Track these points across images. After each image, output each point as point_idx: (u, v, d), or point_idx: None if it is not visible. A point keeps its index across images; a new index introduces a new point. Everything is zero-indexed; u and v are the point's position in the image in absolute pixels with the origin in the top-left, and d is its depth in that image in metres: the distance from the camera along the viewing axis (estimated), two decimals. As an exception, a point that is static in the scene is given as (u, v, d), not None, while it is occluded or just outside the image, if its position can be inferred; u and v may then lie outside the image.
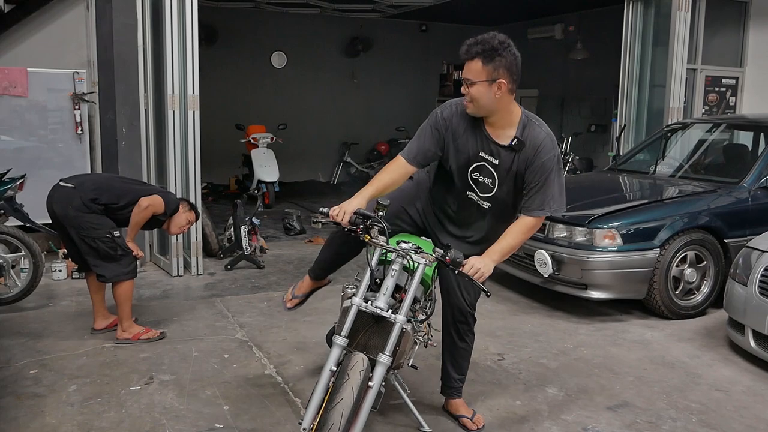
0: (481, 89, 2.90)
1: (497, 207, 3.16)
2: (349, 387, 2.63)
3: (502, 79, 2.88)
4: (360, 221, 2.91)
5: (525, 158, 2.99)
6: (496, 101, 2.93)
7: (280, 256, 7.01)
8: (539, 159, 2.95)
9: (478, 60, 2.88)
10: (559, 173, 2.98)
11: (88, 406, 3.57)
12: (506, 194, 3.10)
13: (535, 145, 2.96)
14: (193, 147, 5.95)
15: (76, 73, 6.16)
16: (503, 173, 3.05)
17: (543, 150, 2.95)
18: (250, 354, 4.36)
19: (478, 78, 2.89)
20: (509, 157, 3.02)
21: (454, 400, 3.53)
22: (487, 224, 3.22)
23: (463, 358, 3.46)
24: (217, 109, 10.92)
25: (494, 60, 2.86)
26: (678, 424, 3.52)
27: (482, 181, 3.11)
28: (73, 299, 5.41)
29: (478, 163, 3.08)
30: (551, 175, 2.95)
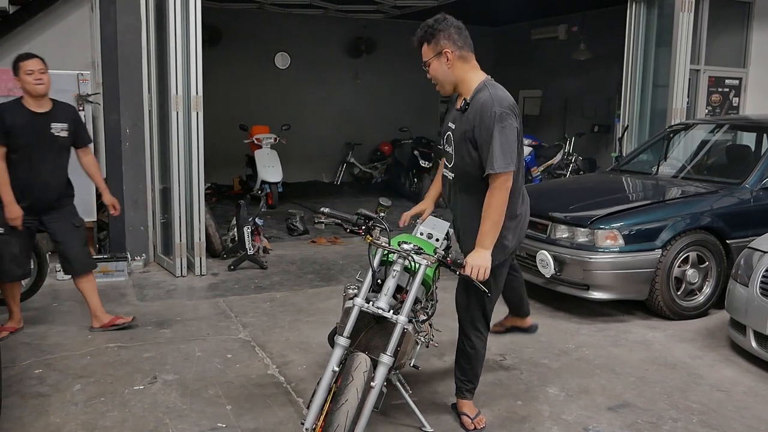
0: (435, 65, 3.12)
1: (459, 176, 3.19)
2: (354, 388, 2.65)
3: (446, 48, 3.08)
4: (362, 222, 2.93)
5: (471, 119, 3.05)
6: (451, 71, 3.11)
7: (283, 256, 7.04)
8: (482, 119, 3.00)
9: (424, 43, 3.15)
10: (503, 130, 2.95)
11: (91, 406, 3.60)
12: (462, 160, 3.13)
13: (478, 105, 3.04)
14: (196, 147, 5.98)
15: (80, 74, 6.18)
16: (458, 137, 3.14)
17: (482, 108, 3.00)
18: (252, 354, 4.39)
19: (428, 57, 3.13)
20: (460, 119, 3.13)
21: (459, 399, 3.54)
22: (462, 201, 3.24)
23: (465, 361, 3.45)
24: (221, 109, 10.95)
25: (435, 36, 3.09)
26: (679, 424, 3.53)
27: (448, 151, 3.23)
28: (77, 300, 5.40)
29: (446, 133, 3.24)
30: (492, 131, 2.95)
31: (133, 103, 6.34)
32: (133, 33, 6.28)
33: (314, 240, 7.71)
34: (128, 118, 6.33)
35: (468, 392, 3.50)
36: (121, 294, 5.61)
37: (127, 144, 6.34)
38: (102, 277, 5.91)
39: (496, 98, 3.00)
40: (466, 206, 3.22)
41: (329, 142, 12.54)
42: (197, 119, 5.93)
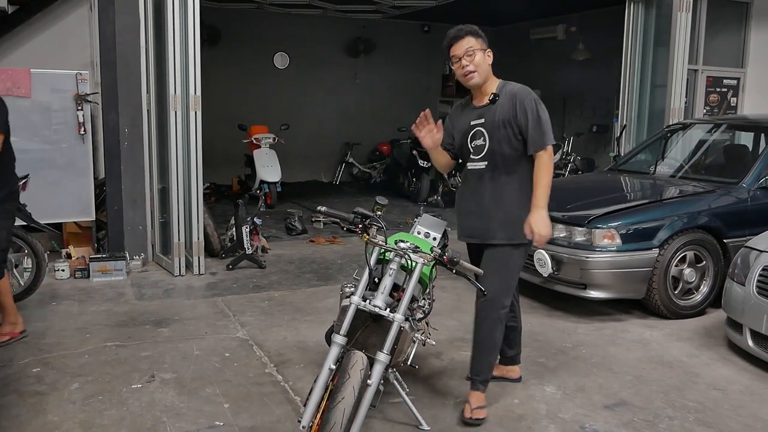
0: (480, 56, 3.41)
1: (498, 161, 3.45)
2: (350, 386, 2.66)
3: (489, 50, 3.47)
4: (359, 221, 2.94)
5: (506, 106, 3.39)
6: (488, 69, 3.47)
7: (281, 255, 7.05)
8: (521, 103, 3.37)
9: (470, 37, 3.42)
10: (543, 111, 3.37)
11: (89, 404, 3.60)
12: (498, 144, 3.42)
13: (511, 93, 3.42)
14: (195, 147, 5.98)
15: (78, 74, 6.19)
16: (489, 126, 3.43)
17: (519, 95, 3.40)
18: (250, 353, 4.39)
19: (476, 46, 3.41)
20: (490, 111, 3.44)
21: (470, 390, 3.58)
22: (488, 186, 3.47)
23: (477, 351, 3.56)
24: (220, 109, 10.97)
25: (479, 36, 3.45)
26: (675, 422, 3.54)
27: (477, 144, 3.50)
28: (76, 298, 5.45)
29: (473, 131, 3.50)
30: (536, 113, 3.34)
31: (132, 103, 6.35)
32: (131, 33, 6.28)
33: (313, 239, 7.72)
34: (127, 118, 6.34)
35: (482, 384, 3.56)
36: (120, 293, 5.62)
37: (125, 143, 6.35)
38: (100, 277, 5.94)
39: (525, 87, 3.47)
40: (504, 188, 3.46)
41: (328, 141, 12.55)
42: (196, 119, 5.93)
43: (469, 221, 3.61)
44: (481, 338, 3.54)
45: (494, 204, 3.47)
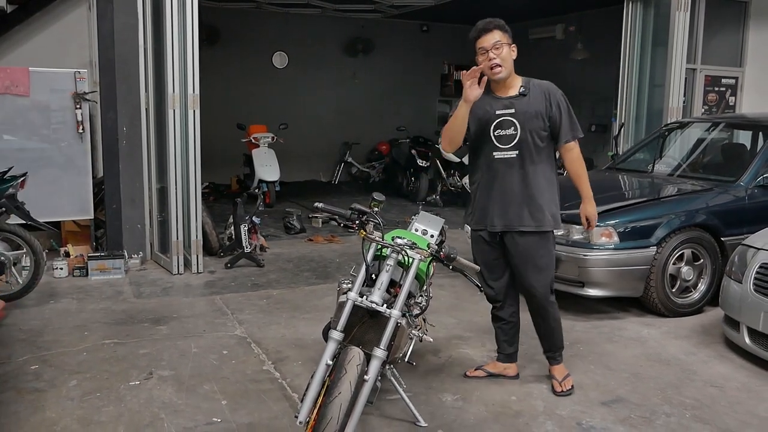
0: (506, 50, 3.54)
1: (525, 149, 3.58)
2: (347, 381, 2.67)
3: (514, 44, 3.60)
4: (356, 217, 2.95)
5: (538, 99, 3.58)
6: (512, 63, 3.59)
7: (280, 254, 7.06)
8: (554, 97, 3.59)
9: (497, 30, 3.55)
10: (570, 107, 3.64)
11: (87, 401, 3.61)
12: (529, 134, 3.57)
13: (542, 88, 3.61)
14: (193, 146, 5.99)
15: (77, 73, 6.21)
16: (522, 117, 3.56)
17: (549, 89, 3.62)
18: (248, 350, 4.40)
19: (504, 40, 3.53)
20: (523, 102, 3.58)
21: (551, 366, 3.91)
22: (517, 174, 3.60)
23: (549, 334, 3.86)
24: (219, 109, 10.96)
25: (506, 31, 3.58)
26: (672, 419, 3.55)
27: (504, 134, 3.59)
28: (74, 297, 5.46)
29: (498, 120, 3.60)
30: (567, 107, 3.62)
31: (130, 102, 6.36)
32: (130, 32, 6.30)
33: (311, 238, 7.73)
34: (125, 117, 6.35)
35: (559, 356, 3.90)
36: (118, 291, 5.63)
37: (124, 142, 6.36)
38: (99, 275, 5.95)
39: (553, 84, 3.67)
40: (529, 177, 3.60)
41: (327, 141, 12.56)
42: (194, 117, 5.95)
43: (495, 209, 3.66)
44: (552, 326, 3.83)
45: (524, 192, 3.60)
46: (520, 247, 3.64)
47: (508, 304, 3.91)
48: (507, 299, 3.90)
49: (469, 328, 4.87)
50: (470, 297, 5.62)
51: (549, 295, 3.75)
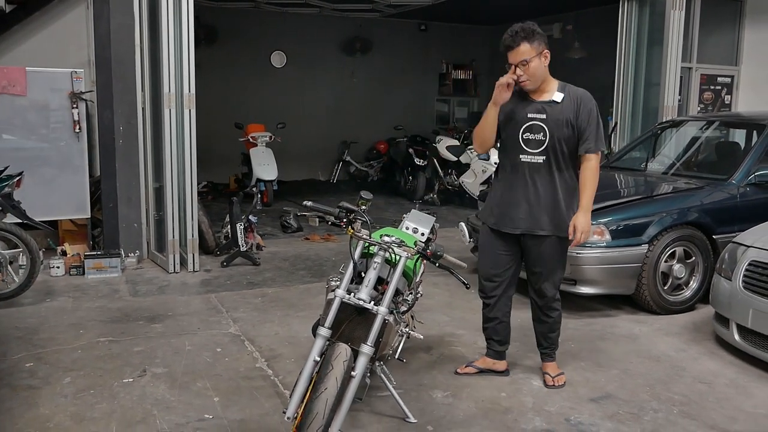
0: (536, 63, 3.52)
1: (552, 155, 3.62)
2: (333, 377, 2.70)
3: (545, 50, 3.56)
4: (343, 215, 2.99)
5: (570, 108, 3.58)
6: (545, 70, 3.59)
7: (276, 253, 7.09)
8: (585, 107, 3.57)
9: (525, 43, 3.49)
10: (599, 119, 3.62)
11: (81, 398, 3.65)
12: (557, 141, 3.60)
13: (577, 96, 3.60)
14: (189, 145, 6.03)
15: (74, 72, 6.24)
16: (552, 124, 3.59)
17: (584, 100, 3.60)
18: (242, 348, 4.44)
19: (530, 55, 3.50)
20: (555, 109, 3.60)
21: (544, 362, 4.01)
22: (542, 179, 3.65)
23: (548, 332, 3.94)
24: (218, 108, 11.02)
25: (536, 38, 3.51)
26: (659, 415, 3.58)
27: (532, 138, 3.63)
28: (70, 295, 5.50)
29: (527, 123, 3.63)
30: (597, 118, 3.60)
31: (127, 101, 6.40)
32: (126, 32, 6.34)
33: (308, 237, 7.77)
34: (122, 116, 6.39)
35: (553, 354, 3.98)
36: (114, 290, 5.67)
37: (120, 141, 6.40)
38: (95, 274, 5.99)
39: (586, 92, 3.66)
40: (557, 183, 3.65)
41: (325, 140, 12.60)
42: (190, 117, 5.98)
43: (515, 211, 3.70)
44: (553, 325, 3.91)
45: (548, 197, 3.65)
46: (539, 249, 3.72)
47: (502, 302, 3.95)
48: (502, 297, 3.93)
49: (461, 326, 4.90)
50: (464, 295, 5.65)
51: (556, 296, 3.87)
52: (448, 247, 7.23)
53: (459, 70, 13.74)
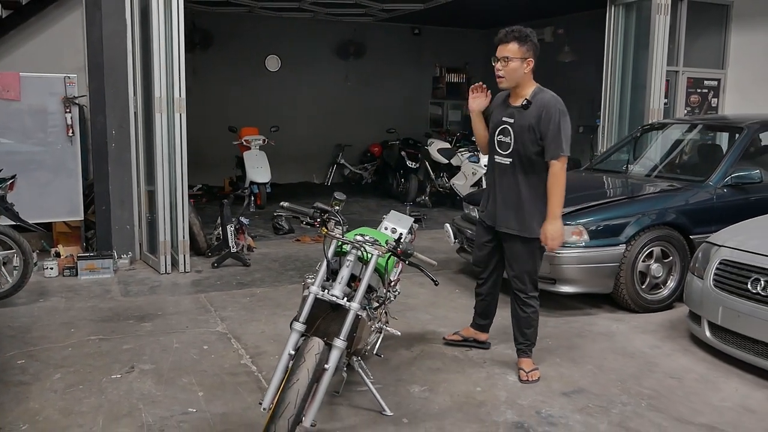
0: (516, 65, 3.74)
1: (517, 160, 3.83)
2: (305, 368, 2.83)
3: (531, 58, 3.77)
4: (318, 215, 3.12)
5: (534, 114, 3.74)
6: (524, 76, 3.79)
7: (267, 254, 7.22)
8: (547, 113, 3.71)
9: (515, 42, 3.72)
10: (564, 123, 3.71)
11: (70, 393, 3.78)
12: (522, 146, 3.80)
13: (541, 103, 3.76)
14: (179, 148, 6.16)
15: (67, 77, 6.37)
16: (517, 128, 3.80)
17: (547, 105, 3.74)
18: (228, 345, 4.57)
19: (515, 55, 3.72)
20: (521, 114, 3.80)
21: (520, 357, 4.15)
22: (510, 179, 3.88)
23: (523, 326, 4.09)
24: (213, 112, 11.16)
25: (527, 43, 3.73)
26: (628, 408, 3.70)
27: (503, 140, 3.89)
28: (63, 295, 5.63)
29: (501, 126, 3.89)
30: (558, 124, 3.68)
31: (119, 106, 6.53)
32: (118, 37, 6.47)
33: (299, 239, 7.89)
34: (114, 120, 6.52)
35: (528, 350, 4.12)
36: (106, 290, 5.80)
37: (113, 145, 6.53)
38: (88, 275, 6.12)
39: (555, 99, 3.80)
40: (520, 185, 3.87)
41: (320, 143, 12.73)
42: (180, 121, 6.12)
43: (489, 206, 4.07)
44: (527, 320, 4.09)
45: (512, 198, 3.90)
46: (509, 246, 4.02)
47: (489, 284, 4.34)
48: (489, 280, 4.33)
49: (443, 324, 5.02)
50: (448, 295, 5.79)
51: (529, 290, 4.05)
52: (437, 248, 7.40)
53: (452, 74, 13.87)
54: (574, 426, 3.51)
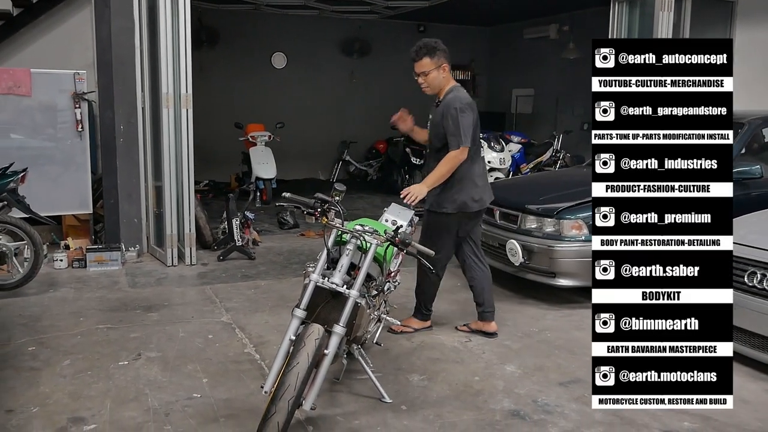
0: (434, 75, 4.30)
1: (434, 149, 4.44)
2: (305, 353, 2.93)
3: (445, 64, 4.30)
4: (318, 205, 3.21)
5: (440, 112, 4.32)
6: (443, 80, 4.35)
7: (271, 248, 7.33)
8: (447, 111, 4.24)
9: (426, 57, 4.25)
10: (463, 119, 4.17)
11: (79, 378, 3.89)
12: (435, 139, 4.41)
13: (445, 102, 4.30)
14: (186, 143, 6.26)
15: (76, 74, 6.49)
16: (432, 125, 4.44)
17: (448, 104, 4.25)
18: (232, 335, 4.67)
19: (429, 68, 4.27)
20: (434, 112, 4.41)
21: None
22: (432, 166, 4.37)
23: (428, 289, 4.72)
24: (220, 108, 11.27)
25: (436, 53, 4.24)
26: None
27: (430, 135, 4.48)
28: (72, 286, 5.75)
29: (429, 124, 4.50)
30: (456, 120, 4.17)
31: (127, 101, 6.64)
32: (126, 34, 6.58)
33: (303, 233, 7.99)
34: (123, 116, 6.64)
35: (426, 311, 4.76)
36: (114, 282, 5.91)
37: (121, 140, 6.64)
38: (97, 266, 6.24)
39: (457, 98, 4.28)
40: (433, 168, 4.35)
41: (325, 140, 12.82)
42: (187, 116, 6.21)
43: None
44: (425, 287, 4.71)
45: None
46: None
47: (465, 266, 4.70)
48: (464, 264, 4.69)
49: (444, 316, 5.11)
50: (449, 288, 5.86)
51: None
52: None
53: (458, 71, 13.90)
54: (570, 414, 3.59)
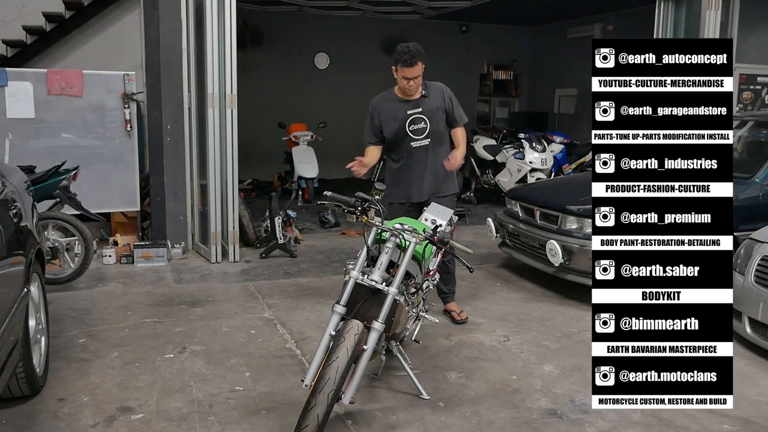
0: (420, 77, 4.61)
1: (434, 136, 4.71)
2: (344, 348, 2.99)
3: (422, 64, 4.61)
4: (359, 204, 3.27)
5: (438, 98, 4.70)
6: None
7: (313, 246, 7.43)
8: (446, 94, 4.75)
9: (420, 62, 4.55)
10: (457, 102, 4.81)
11: (127, 369, 4.03)
12: (437, 123, 4.71)
13: (438, 89, 4.77)
14: (230, 142, 6.40)
15: (126, 75, 6.69)
16: (428, 113, 4.68)
17: (443, 89, 4.78)
18: (274, 330, 4.77)
19: (420, 72, 4.58)
20: (425, 102, 4.69)
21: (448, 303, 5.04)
22: (432, 156, 4.72)
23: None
24: (263, 108, 11.46)
25: (423, 58, 4.58)
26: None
27: (417, 128, 4.69)
28: (120, 281, 5.93)
29: (410, 118, 4.68)
30: (456, 100, 4.79)
31: (174, 101, 6.82)
32: (174, 36, 6.76)
33: (344, 232, 8.08)
34: (169, 115, 6.82)
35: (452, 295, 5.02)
36: (160, 277, 6.08)
37: (168, 139, 6.82)
38: (144, 262, 6.42)
39: (437, 84, 4.83)
40: (437, 156, 4.71)
41: (367, 139, 12.88)
42: (231, 116, 6.36)
43: (417, 185, 4.75)
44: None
45: (436, 167, 4.70)
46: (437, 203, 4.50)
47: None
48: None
49: (483, 315, 5.13)
50: (489, 288, 5.89)
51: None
52: (480, 243, 7.50)
53: (500, 71, 13.88)
54: (607, 414, 3.58)
